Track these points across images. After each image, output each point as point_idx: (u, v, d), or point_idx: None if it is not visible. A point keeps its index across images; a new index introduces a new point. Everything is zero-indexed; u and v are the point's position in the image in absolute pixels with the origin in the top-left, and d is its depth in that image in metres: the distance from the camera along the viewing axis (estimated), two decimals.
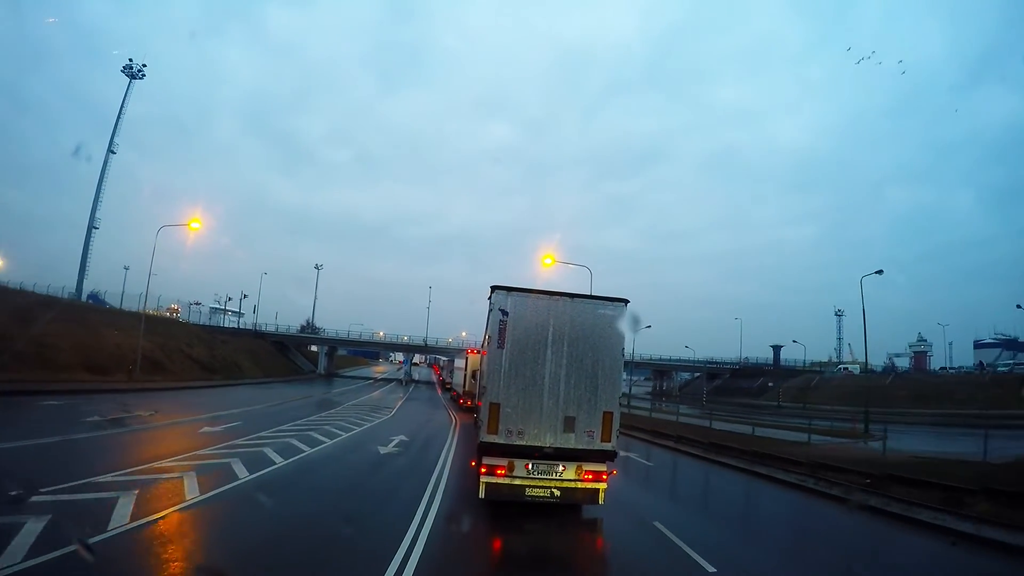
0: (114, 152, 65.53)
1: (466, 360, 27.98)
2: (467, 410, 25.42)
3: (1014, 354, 68.49)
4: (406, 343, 69.09)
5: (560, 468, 7.52)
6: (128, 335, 29.81)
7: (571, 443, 7.41)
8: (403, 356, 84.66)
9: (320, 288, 77.72)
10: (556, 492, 7.50)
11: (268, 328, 63.83)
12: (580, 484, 7.54)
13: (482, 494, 7.51)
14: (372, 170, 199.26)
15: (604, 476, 7.61)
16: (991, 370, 58.34)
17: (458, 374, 34.49)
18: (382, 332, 71.37)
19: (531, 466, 7.47)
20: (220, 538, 6.15)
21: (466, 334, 58.05)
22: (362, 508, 8.03)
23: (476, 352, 23.18)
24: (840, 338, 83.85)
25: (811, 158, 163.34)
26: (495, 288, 7.65)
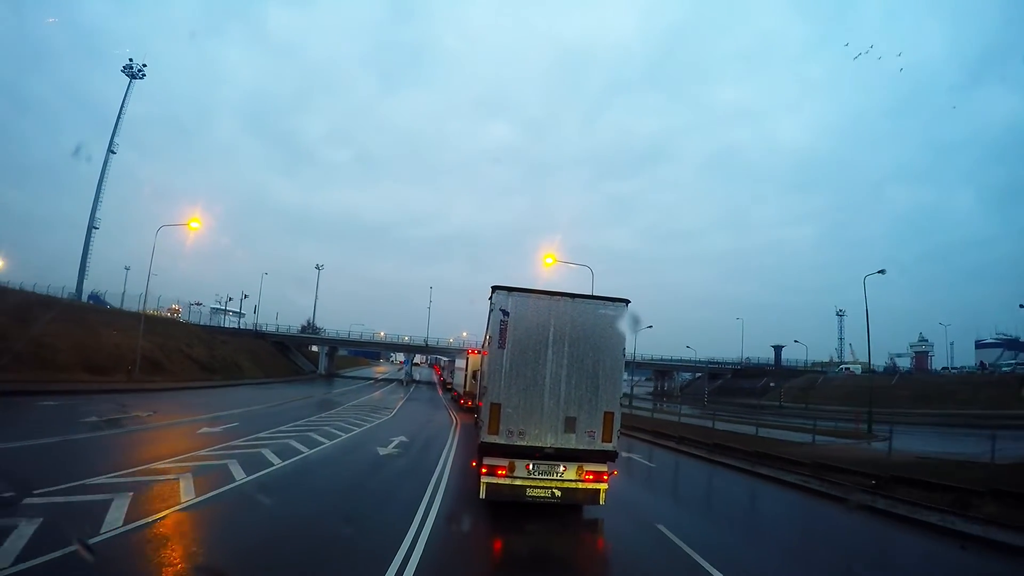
0: (114, 152, 65.85)
1: (467, 360, 27.87)
2: (468, 410, 25.31)
3: (1015, 354, 68.44)
4: (407, 343, 69.01)
5: (561, 468, 7.49)
6: (127, 335, 29.74)
7: (572, 443, 7.39)
8: (404, 356, 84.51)
9: (321, 288, 77.98)
10: (557, 492, 7.47)
11: (269, 328, 63.84)
12: (581, 484, 7.51)
13: (483, 494, 7.48)
14: (372, 170, 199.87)
15: (605, 476, 7.57)
16: (993, 370, 58.23)
17: (459, 374, 34.40)
18: (383, 332, 71.48)
19: (532, 466, 7.45)
20: (215, 541, 6.04)
21: (467, 334, 58.16)
22: (361, 509, 7.96)
23: (477, 352, 23.08)
24: (841, 338, 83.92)
25: (811, 158, 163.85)
26: (496, 288, 7.61)
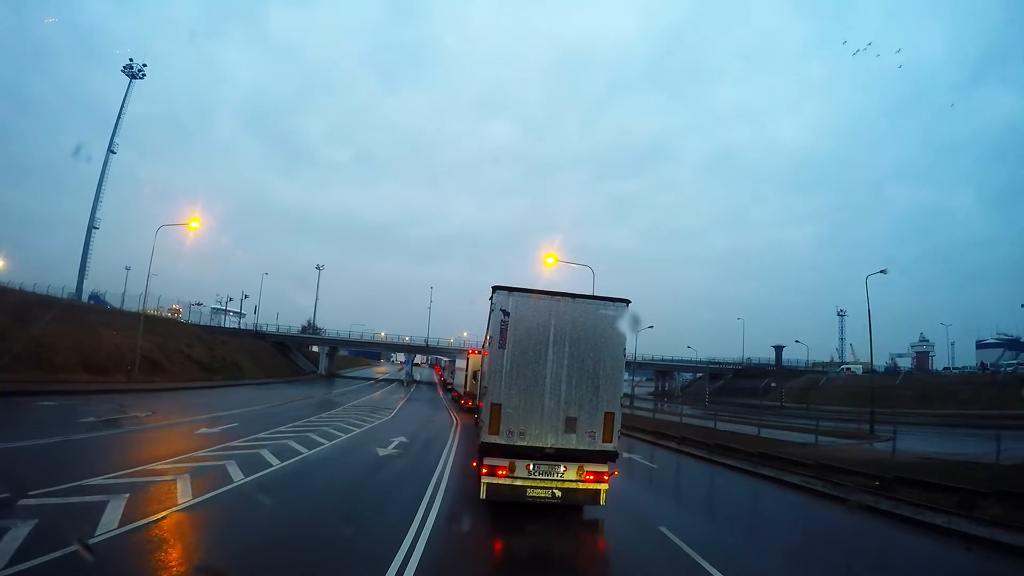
0: (114, 152, 65.77)
1: (467, 360, 27.80)
2: (468, 411, 25.23)
3: (1016, 354, 68.35)
4: (407, 343, 68.94)
5: (561, 469, 7.49)
6: (127, 335, 29.68)
7: (572, 444, 7.39)
8: (404, 356, 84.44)
9: (321, 288, 77.86)
10: (557, 493, 7.47)
11: (269, 328, 63.78)
12: (581, 485, 7.51)
13: (483, 495, 7.48)
14: (373, 170, 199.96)
15: (605, 477, 7.56)
16: (995, 370, 58.12)
17: (459, 375, 34.32)
18: (383, 332, 71.39)
19: (532, 467, 7.45)
20: (212, 543, 5.97)
21: (467, 334, 58.14)
22: (361, 509, 7.91)
23: (477, 352, 22.99)
24: (842, 338, 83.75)
25: (811, 158, 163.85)
26: (496, 288, 7.60)
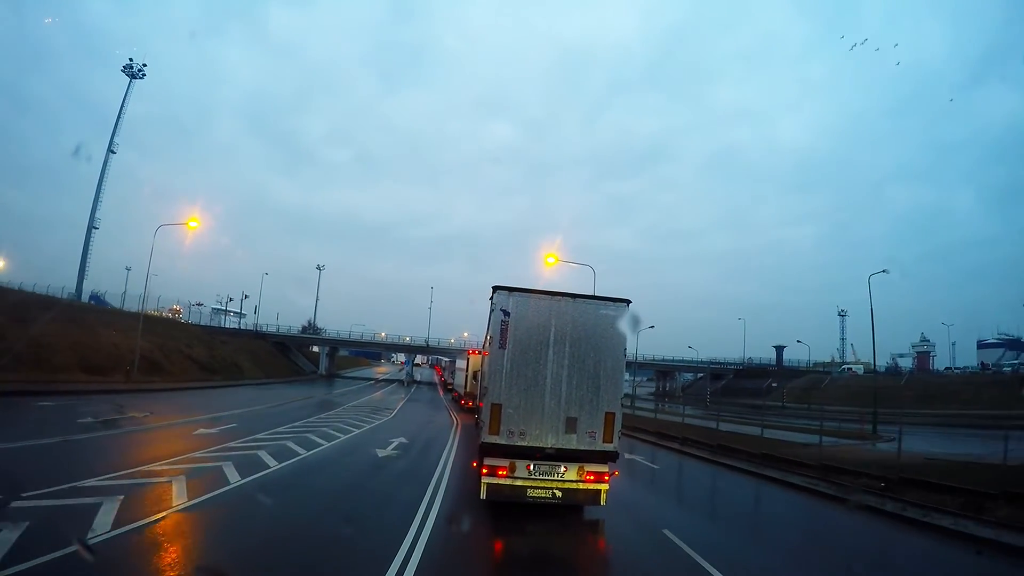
0: (114, 152, 65.68)
1: (467, 361, 27.68)
2: (469, 411, 25.11)
3: (1017, 354, 68.25)
4: (408, 344, 68.83)
5: (562, 469, 7.49)
6: (126, 335, 29.58)
7: (573, 444, 7.39)
8: (405, 357, 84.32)
9: (321, 289, 77.69)
10: (558, 493, 7.47)
11: (269, 329, 63.69)
12: (582, 485, 7.51)
13: (483, 495, 7.47)
14: (373, 170, 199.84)
15: (606, 477, 7.55)
16: (996, 370, 57.98)
17: (459, 375, 34.21)
18: (384, 333, 71.29)
19: (532, 467, 7.45)
20: (206, 546, 5.86)
21: (468, 334, 58.05)
22: (361, 510, 7.86)
23: (477, 353, 22.87)
24: (843, 338, 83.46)
25: (812, 158, 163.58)
26: (497, 288, 7.59)
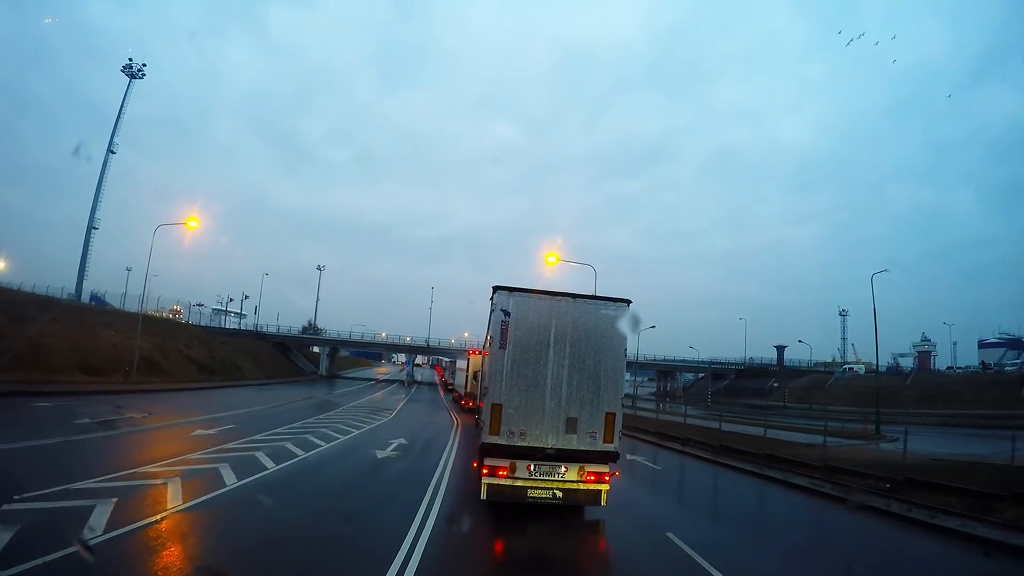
0: (114, 152, 65.48)
1: (468, 361, 27.58)
2: (469, 411, 24.99)
3: (1018, 353, 67.97)
4: (408, 344, 68.69)
5: (562, 469, 7.47)
6: (125, 336, 29.46)
7: (573, 444, 7.36)
8: (405, 357, 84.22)
9: (322, 289, 77.68)
10: (558, 493, 7.45)
11: (269, 329, 63.57)
12: (582, 485, 7.51)
13: (484, 495, 7.44)
14: (374, 170, 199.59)
15: (606, 477, 7.53)
16: (997, 370, 57.79)
17: (460, 375, 34.11)
18: (384, 333, 71.12)
19: (533, 467, 7.43)
20: (200, 550, 5.73)
21: (468, 335, 57.94)
22: (360, 511, 7.80)
23: (478, 353, 22.77)
24: (844, 338, 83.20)
25: (812, 158, 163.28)
26: (497, 288, 7.56)
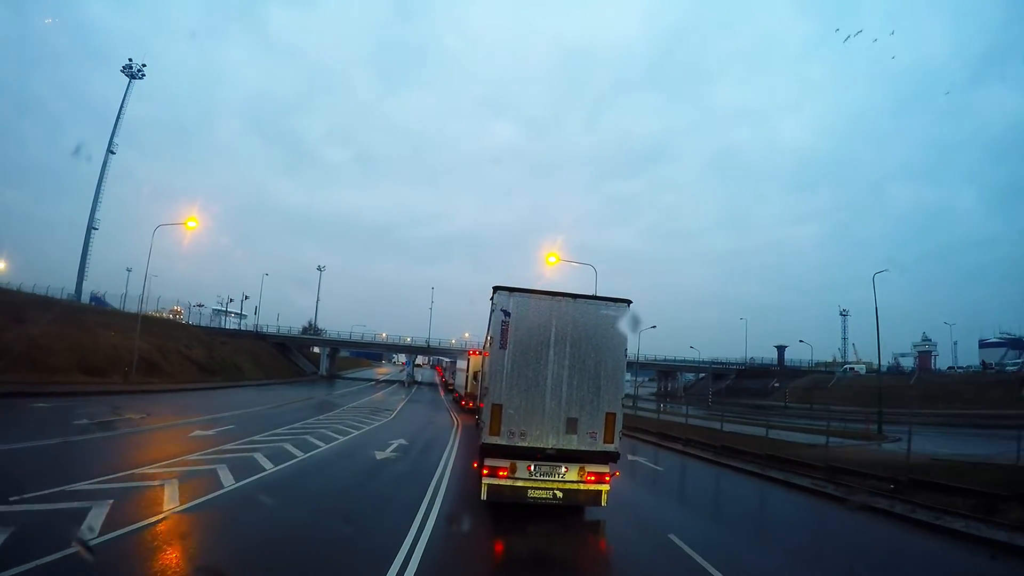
0: (114, 152, 65.46)
1: (468, 361, 27.51)
2: (469, 412, 24.92)
3: (1019, 353, 67.86)
4: (409, 344, 68.65)
5: (563, 469, 7.46)
6: (125, 336, 29.39)
7: (573, 444, 7.35)
8: (405, 357, 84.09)
9: (322, 289, 77.67)
10: (558, 494, 7.44)
11: (270, 329, 63.56)
12: (583, 486, 7.46)
13: (484, 496, 7.41)
14: (374, 171, 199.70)
15: (607, 478, 7.53)
16: (998, 369, 57.69)
17: (460, 375, 34.05)
18: (384, 333, 71.08)
19: (533, 467, 7.41)
20: (196, 553, 5.66)
21: (469, 335, 57.89)
22: (360, 512, 7.76)
23: (478, 353, 22.70)
24: (845, 338, 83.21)
25: (813, 157, 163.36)
26: (497, 289, 7.55)
